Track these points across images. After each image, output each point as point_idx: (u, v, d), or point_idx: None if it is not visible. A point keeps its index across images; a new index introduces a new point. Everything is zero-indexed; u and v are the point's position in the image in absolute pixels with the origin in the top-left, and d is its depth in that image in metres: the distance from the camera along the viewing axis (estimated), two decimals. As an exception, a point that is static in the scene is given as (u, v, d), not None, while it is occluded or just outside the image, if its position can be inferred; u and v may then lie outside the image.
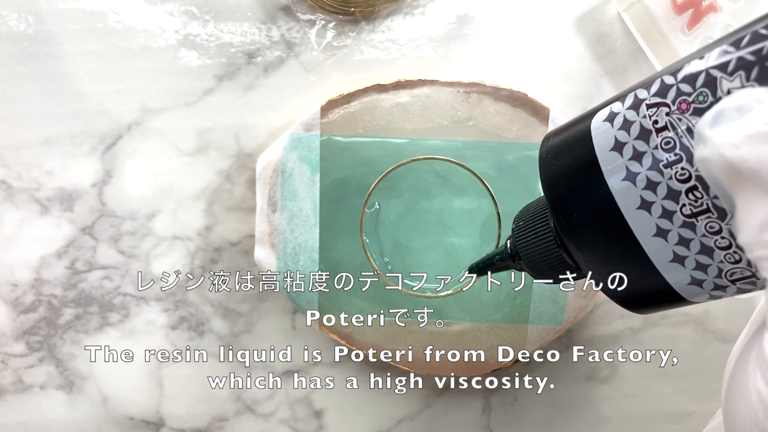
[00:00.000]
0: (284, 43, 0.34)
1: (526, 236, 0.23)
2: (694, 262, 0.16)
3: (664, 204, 0.16)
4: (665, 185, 0.16)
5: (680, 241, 0.16)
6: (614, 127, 0.17)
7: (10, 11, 0.34)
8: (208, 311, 0.36)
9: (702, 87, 0.15)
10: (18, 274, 0.36)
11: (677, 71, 0.16)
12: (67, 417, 0.37)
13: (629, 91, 0.17)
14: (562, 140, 0.19)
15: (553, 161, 0.19)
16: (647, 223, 0.17)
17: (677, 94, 0.15)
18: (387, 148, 0.33)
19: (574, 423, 0.37)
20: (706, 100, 0.15)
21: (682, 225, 0.16)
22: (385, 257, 0.34)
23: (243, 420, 0.37)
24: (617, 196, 0.17)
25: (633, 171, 0.17)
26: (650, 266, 0.17)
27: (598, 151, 0.17)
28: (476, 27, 0.35)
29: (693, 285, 0.17)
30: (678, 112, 0.15)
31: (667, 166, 0.16)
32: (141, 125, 0.35)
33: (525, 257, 0.23)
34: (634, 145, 0.16)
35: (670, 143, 0.16)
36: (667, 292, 0.18)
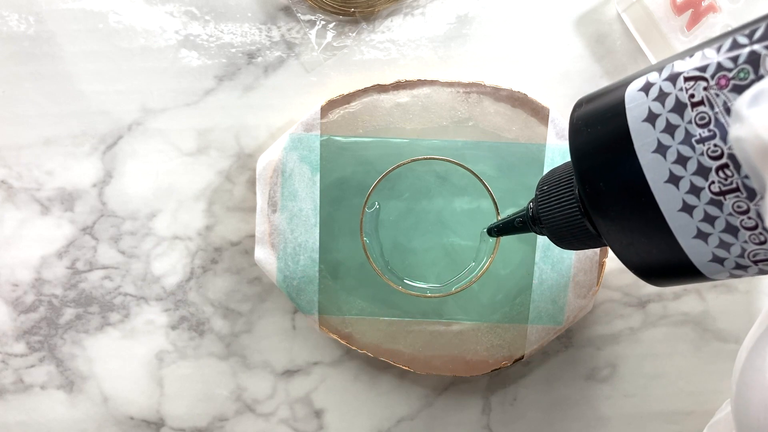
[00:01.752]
0: (284, 44, 0.35)
1: (549, 202, 0.23)
2: (717, 240, 0.16)
3: (692, 180, 0.16)
4: (696, 161, 0.16)
5: (705, 218, 0.16)
6: (649, 97, 0.17)
7: (11, 11, 0.34)
8: (208, 311, 0.36)
9: (744, 63, 0.15)
10: (18, 274, 0.36)
11: (720, 46, 0.15)
12: (67, 417, 0.37)
13: (668, 61, 0.17)
14: (594, 107, 0.19)
15: (583, 128, 0.19)
16: (674, 197, 0.16)
17: (717, 69, 0.15)
18: (387, 149, 0.33)
19: (573, 422, 0.37)
20: (747, 78, 0.14)
21: (709, 202, 0.16)
22: (385, 257, 0.34)
23: (243, 420, 0.37)
24: (645, 168, 0.17)
25: (664, 144, 0.16)
26: (673, 241, 0.17)
27: (630, 120, 0.17)
28: (476, 27, 0.35)
29: (714, 262, 0.17)
30: (716, 88, 0.15)
31: (699, 141, 0.16)
32: (141, 125, 0.35)
33: (547, 223, 0.23)
34: (668, 117, 0.16)
35: (705, 119, 0.15)
36: (687, 267, 0.18)
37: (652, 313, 0.36)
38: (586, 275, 0.34)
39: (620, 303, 0.36)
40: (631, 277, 0.36)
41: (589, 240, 0.22)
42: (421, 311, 0.34)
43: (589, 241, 0.22)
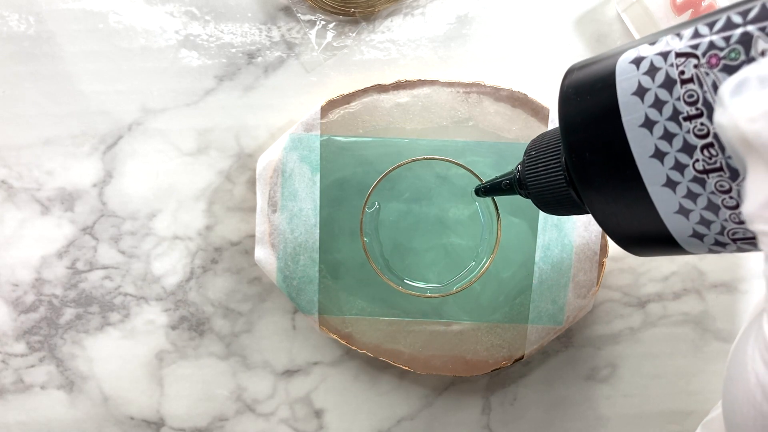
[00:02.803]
0: (284, 44, 0.35)
1: (536, 168, 0.23)
2: (698, 217, 0.16)
3: (677, 156, 0.16)
4: (682, 138, 0.16)
5: (688, 195, 0.16)
6: (640, 71, 0.17)
7: (11, 12, 0.34)
8: (208, 311, 0.36)
9: (736, 44, 0.14)
10: (19, 274, 0.36)
11: (714, 23, 0.15)
12: (67, 416, 0.37)
13: (661, 34, 0.17)
14: (585, 76, 0.19)
15: (573, 97, 0.19)
16: (658, 172, 0.17)
17: (709, 48, 0.15)
18: (387, 148, 0.33)
19: (573, 422, 0.37)
20: (738, 58, 0.14)
21: (692, 179, 0.16)
22: (385, 257, 0.34)
23: (243, 419, 0.37)
24: (632, 142, 0.17)
25: (651, 119, 0.16)
26: (655, 214, 0.17)
27: (619, 93, 0.17)
28: (476, 27, 0.35)
29: (694, 238, 0.17)
30: (706, 66, 0.15)
31: (686, 119, 0.16)
32: (141, 125, 0.35)
33: (532, 188, 0.23)
34: (657, 93, 0.16)
35: (694, 96, 0.15)
36: (667, 240, 0.18)
37: (652, 313, 0.36)
38: (586, 275, 0.34)
39: (620, 303, 0.36)
40: (631, 277, 0.36)
41: (573, 208, 0.22)
42: (421, 311, 0.34)
43: (573, 208, 0.22)
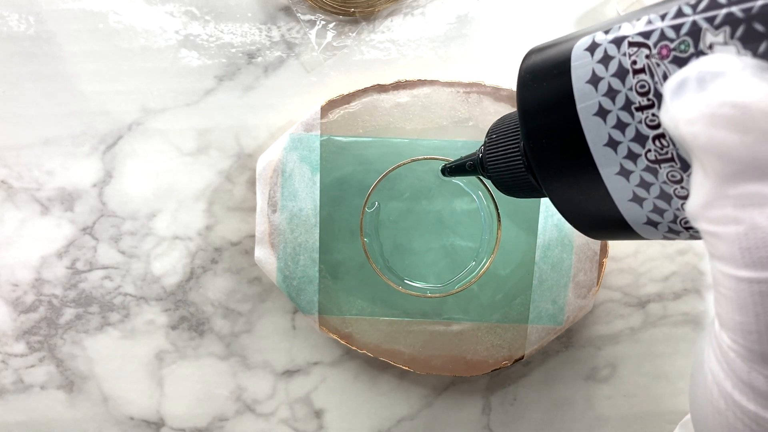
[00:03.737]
0: (284, 44, 0.35)
1: (496, 152, 0.23)
2: (651, 205, 0.16)
3: (630, 146, 0.16)
4: (634, 128, 0.16)
5: (641, 184, 0.16)
6: (594, 59, 0.17)
7: (11, 11, 0.34)
8: (208, 311, 0.36)
9: (686, 35, 0.14)
10: (18, 274, 0.36)
11: (666, 12, 0.15)
12: (67, 417, 0.37)
13: (617, 21, 0.17)
14: (542, 61, 0.19)
15: (530, 82, 0.19)
16: (612, 161, 0.17)
17: (660, 38, 0.15)
18: (387, 148, 0.33)
19: (573, 423, 0.37)
20: (687, 50, 0.14)
21: (645, 169, 0.16)
22: (385, 257, 0.34)
23: (243, 420, 0.37)
24: (586, 130, 0.17)
25: (605, 108, 0.16)
26: (610, 202, 0.17)
27: (574, 80, 0.17)
28: (476, 27, 0.35)
29: (648, 225, 0.17)
30: (657, 57, 0.15)
31: (638, 109, 0.15)
32: (141, 125, 0.35)
33: (492, 171, 0.23)
34: (610, 82, 0.16)
35: (645, 87, 0.15)
36: (622, 227, 0.18)
37: (652, 313, 0.36)
38: (586, 275, 0.34)
39: (620, 303, 0.36)
40: (631, 277, 0.36)
41: (532, 191, 0.22)
42: (421, 311, 0.34)
43: (532, 192, 0.22)
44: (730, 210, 0.12)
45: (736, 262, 0.12)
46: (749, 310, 0.12)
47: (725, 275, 0.13)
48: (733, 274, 0.13)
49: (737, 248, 0.12)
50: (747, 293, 0.12)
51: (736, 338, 0.13)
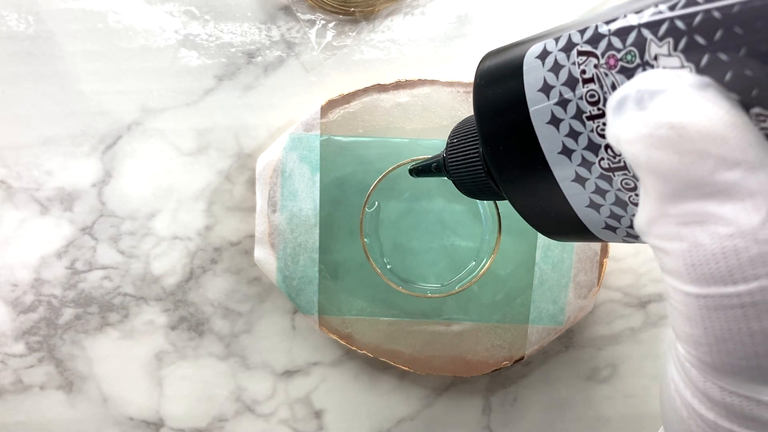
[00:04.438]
0: (284, 43, 0.34)
1: (456, 156, 0.23)
2: (608, 211, 0.16)
3: (583, 154, 0.16)
4: (586, 136, 0.16)
5: (596, 191, 0.16)
6: (545, 67, 0.16)
7: (10, 11, 0.34)
8: (208, 311, 0.36)
9: (631, 46, 0.14)
10: (18, 274, 0.36)
11: (613, 20, 0.15)
12: (66, 417, 0.37)
13: (566, 29, 0.16)
14: (495, 66, 0.19)
15: (485, 88, 0.19)
16: (567, 168, 0.17)
17: (607, 47, 0.15)
18: (387, 148, 0.33)
19: (574, 423, 0.37)
20: (634, 61, 0.14)
21: (599, 176, 0.16)
22: (385, 257, 0.34)
23: (243, 420, 0.37)
24: (540, 138, 0.17)
25: (557, 116, 0.16)
26: (568, 207, 0.17)
27: (527, 88, 0.17)
28: (476, 27, 0.35)
29: (607, 230, 0.17)
30: (605, 67, 0.15)
31: (590, 118, 0.15)
32: (141, 125, 0.35)
33: (454, 174, 0.23)
34: (561, 90, 0.16)
35: (595, 96, 0.15)
36: (582, 231, 0.18)
37: (653, 314, 0.36)
38: (586, 275, 0.34)
39: (621, 303, 0.36)
40: (632, 277, 0.36)
41: (493, 195, 0.22)
42: (421, 311, 0.34)
43: (493, 195, 0.22)
44: (674, 228, 0.12)
45: (683, 277, 0.13)
46: (698, 324, 0.13)
47: (674, 289, 0.13)
48: (681, 289, 0.13)
49: (683, 264, 0.12)
50: (695, 307, 0.12)
51: (689, 349, 0.13)
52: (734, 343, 0.12)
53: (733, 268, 0.12)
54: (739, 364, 0.12)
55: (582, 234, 0.18)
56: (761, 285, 0.12)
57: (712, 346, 0.12)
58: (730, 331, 0.12)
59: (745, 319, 0.12)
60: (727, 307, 0.12)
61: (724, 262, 0.12)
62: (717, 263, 0.12)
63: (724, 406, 0.13)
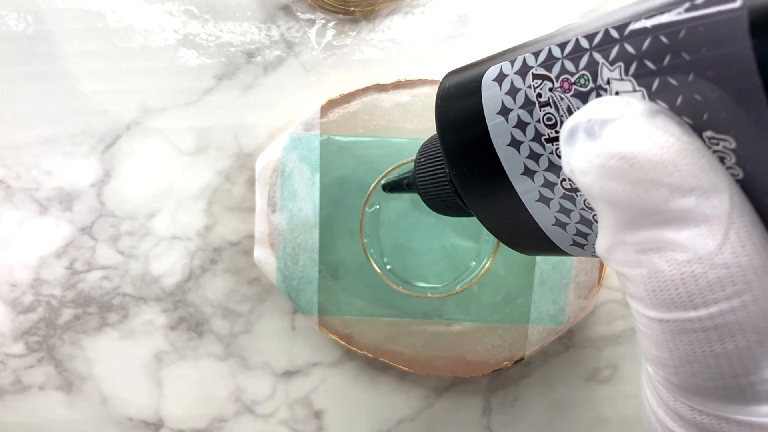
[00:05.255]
0: (284, 43, 0.34)
1: (423, 175, 0.23)
2: (575, 229, 0.16)
3: (545, 175, 0.16)
4: (546, 158, 0.16)
5: (561, 210, 0.16)
6: (502, 90, 0.16)
7: (9, 11, 0.34)
8: (207, 311, 0.36)
9: (584, 69, 0.14)
10: (17, 274, 0.36)
11: (565, 44, 0.14)
12: (66, 417, 0.37)
13: (520, 51, 0.16)
14: (455, 89, 0.19)
15: (446, 109, 0.19)
16: (530, 188, 0.17)
17: (561, 71, 0.14)
18: (387, 148, 0.33)
19: (574, 424, 0.37)
20: (587, 85, 0.14)
21: (562, 197, 0.16)
22: (385, 257, 0.33)
23: (242, 420, 0.37)
24: (503, 159, 0.17)
25: (517, 139, 0.16)
26: (535, 225, 0.17)
27: (486, 111, 0.17)
28: (477, 26, 0.35)
29: (575, 246, 0.17)
30: (560, 90, 0.14)
31: (548, 141, 0.15)
32: (140, 125, 0.35)
33: (422, 193, 0.24)
34: (519, 114, 0.16)
35: (552, 120, 0.15)
36: (551, 247, 0.18)
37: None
38: (587, 275, 0.33)
39: (621, 303, 0.36)
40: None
41: (462, 212, 0.22)
42: (421, 312, 0.34)
43: (462, 212, 0.22)
44: (633, 255, 0.13)
45: (645, 302, 0.13)
46: (663, 346, 0.13)
47: (638, 313, 0.13)
48: (644, 314, 0.13)
49: (643, 290, 0.13)
50: (659, 331, 0.13)
51: (657, 371, 0.13)
52: (699, 365, 0.12)
53: (693, 293, 0.12)
54: (706, 384, 0.12)
55: (551, 250, 0.18)
56: (721, 308, 0.12)
57: (678, 368, 0.13)
58: (694, 353, 0.12)
59: (708, 342, 0.12)
60: (690, 330, 0.12)
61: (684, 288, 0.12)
62: (677, 289, 0.12)
63: (695, 425, 0.13)
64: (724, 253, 0.11)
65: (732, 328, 0.12)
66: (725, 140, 0.12)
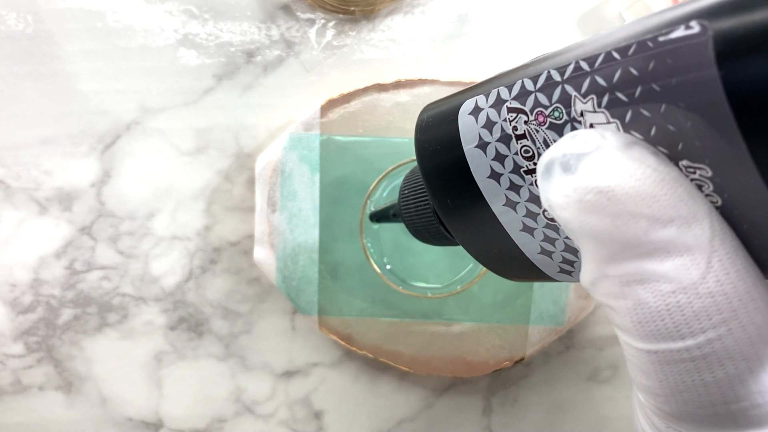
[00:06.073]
0: (284, 43, 0.34)
1: (408, 207, 0.23)
2: (560, 257, 0.16)
3: (527, 206, 0.16)
4: (527, 189, 0.16)
5: (546, 239, 0.16)
6: (478, 124, 0.16)
7: (9, 10, 0.34)
8: (207, 312, 0.36)
9: (557, 102, 0.14)
10: (16, 275, 0.36)
11: (537, 76, 0.14)
12: (65, 418, 0.37)
13: (493, 85, 0.16)
14: (433, 122, 0.19)
15: (425, 143, 0.19)
16: (514, 219, 0.17)
17: (535, 104, 0.14)
18: (387, 148, 0.33)
19: (575, 424, 0.37)
20: (561, 117, 0.14)
21: (545, 226, 0.16)
22: (385, 257, 0.33)
23: (242, 421, 0.37)
24: (484, 192, 0.17)
25: (496, 171, 0.16)
26: (522, 255, 0.17)
27: (464, 145, 0.17)
28: (477, 26, 0.34)
29: (562, 273, 0.17)
30: (535, 123, 0.14)
31: (527, 172, 0.15)
32: (140, 125, 0.35)
33: (408, 224, 0.24)
34: (497, 147, 0.16)
35: (529, 152, 0.15)
36: (539, 274, 0.18)
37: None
38: (587, 276, 0.33)
39: (622, 304, 0.36)
40: (633, 277, 0.36)
41: (448, 242, 0.22)
42: (421, 312, 0.34)
43: (448, 242, 0.23)
44: (617, 287, 0.13)
45: (632, 334, 0.13)
46: (653, 376, 0.13)
47: (626, 343, 0.13)
48: (632, 345, 0.13)
49: (630, 322, 0.13)
50: (647, 362, 0.13)
51: (648, 398, 0.13)
52: (690, 393, 0.12)
53: (680, 323, 0.12)
54: (697, 412, 0.12)
55: (540, 277, 0.18)
56: (708, 337, 0.12)
57: (669, 396, 0.13)
58: (684, 383, 0.12)
59: (698, 372, 0.12)
60: (679, 360, 0.12)
61: (670, 319, 0.12)
62: (663, 320, 0.12)
63: None
64: (708, 282, 0.11)
65: (720, 356, 0.12)
66: (701, 168, 0.11)
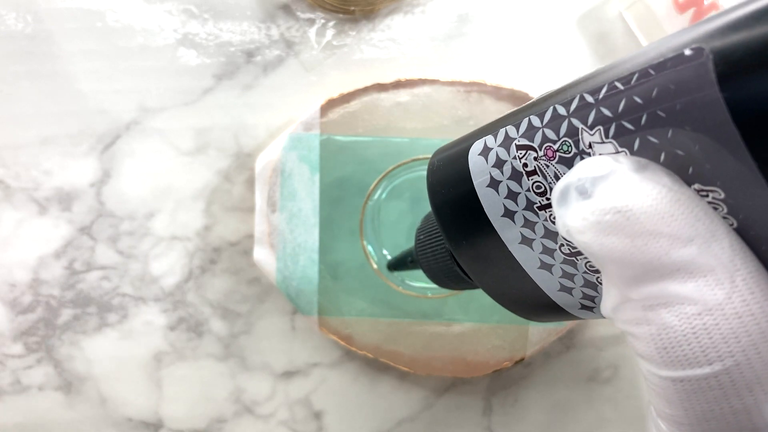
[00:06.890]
0: (284, 42, 0.34)
1: (425, 252, 0.23)
2: (581, 293, 0.16)
3: (543, 242, 0.16)
4: (542, 225, 0.16)
5: (564, 275, 0.16)
6: (488, 163, 0.16)
7: (8, 10, 0.34)
8: (207, 312, 0.36)
9: (565, 136, 0.14)
10: (16, 275, 0.36)
11: (543, 113, 0.15)
12: (65, 418, 0.37)
13: (501, 125, 0.17)
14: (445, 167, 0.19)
15: (437, 186, 0.19)
16: (531, 257, 0.17)
17: (543, 140, 0.15)
18: (387, 148, 0.33)
19: (575, 424, 0.37)
20: (570, 151, 0.14)
21: (563, 262, 0.16)
22: (384, 249, 0.33)
23: (242, 421, 0.37)
24: (499, 230, 0.17)
25: (510, 209, 0.16)
26: (542, 293, 0.17)
27: (476, 185, 0.17)
28: (477, 26, 0.34)
29: (583, 309, 0.17)
30: (545, 159, 0.15)
31: (540, 208, 0.15)
32: (139, 125, 0.35)
33: (426, 270, 0.24)
34: (508, 185, 0.16)
35: (541, 188, 0.15)
36: (561, 312, 0.18)
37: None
38: (587, 276, 0.33)
39: (622, 304, 0.36)
40: (633, 277, 0.36)
41: (467, 285, 0.22)
42: (421, 312, 0.34)
43: (467, 285, 0.22)
44: (640, 312, 0.12)
45: (656, 361, 0.12)
46: (678, 405, 0.12)
47: (649, 372, 0.13)
48: (656, 373, 0.12)
49: (654, 348, 0.12)
50: (672, 390, 0.12)
51: (671, 428, 0.13)
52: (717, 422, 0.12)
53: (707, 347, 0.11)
54: None
55: (561, 315, 0.18)
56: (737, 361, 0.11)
57: (695, 425, 0.12)
58: (711, 411, 0.12)
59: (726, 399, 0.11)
60: (706, 388, 0.12)
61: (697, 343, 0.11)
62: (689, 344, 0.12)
63: None
64: (734, 302, 0.11)
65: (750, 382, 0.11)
66: (714, 191, 0.11)
